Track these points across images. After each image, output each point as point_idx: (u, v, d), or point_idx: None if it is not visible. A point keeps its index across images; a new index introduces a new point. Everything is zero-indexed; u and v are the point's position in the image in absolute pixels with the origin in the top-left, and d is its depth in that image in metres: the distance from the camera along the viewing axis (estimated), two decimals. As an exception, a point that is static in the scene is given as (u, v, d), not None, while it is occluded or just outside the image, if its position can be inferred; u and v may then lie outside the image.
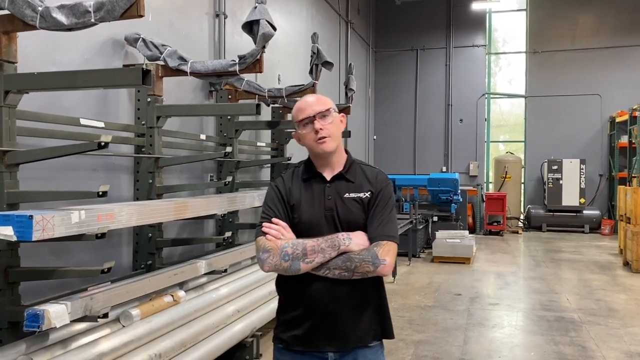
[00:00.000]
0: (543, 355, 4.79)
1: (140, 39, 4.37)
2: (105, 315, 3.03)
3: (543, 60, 15.01)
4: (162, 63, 4.34)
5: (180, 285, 4.00)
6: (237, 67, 4.19)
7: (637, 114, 12.27)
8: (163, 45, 4.36)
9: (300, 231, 2.07)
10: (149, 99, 4.36)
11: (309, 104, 2.10)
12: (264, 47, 4.10)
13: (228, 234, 4.68)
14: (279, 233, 2.05)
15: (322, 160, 2.13)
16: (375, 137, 15.35)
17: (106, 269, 2.97)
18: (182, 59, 4.32)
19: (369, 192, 2.10)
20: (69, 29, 3.00)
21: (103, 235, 2.99)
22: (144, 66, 3.12)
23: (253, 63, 4.19)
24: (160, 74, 4.41)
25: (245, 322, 4.40)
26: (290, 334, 2.11)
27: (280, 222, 2.08)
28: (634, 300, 6.80)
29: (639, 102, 12.28)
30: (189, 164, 5.30)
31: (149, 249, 4.38)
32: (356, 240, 2.02)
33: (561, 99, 14.74)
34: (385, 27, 15.39)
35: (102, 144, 3.04)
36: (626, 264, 9.16)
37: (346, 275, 1.99)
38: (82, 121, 3.74)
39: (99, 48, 4.25)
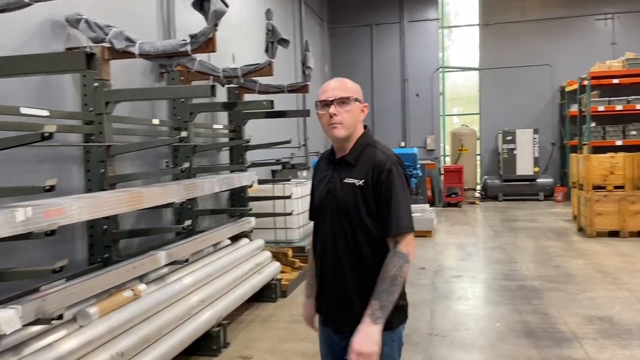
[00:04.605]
0: (508, 325, 4.87)
1: (83, 19, 4.09)
2: (60, 317, 2.87)
3: (495, 32, 15.17)
4: (107, 45, 4.07)
5: (141, 278, 3.83)
6: (188, 47, 3.98)
7: (585, 83, 12.58)
8: (108, 25, 4.10)
9: (315, 211, 2.29)
10: (95, 84, 4.09)
11: (331, 87, 2.15)
12: (216, 25, 3.91)
13: (188, 222, 4.51)
14: None
15: (336, 144, 2.20)
16: (333, 115, 15.23)
17: (58, 268, 2.78)
18: (129, 40, 4.07)
19: (362, 180, 2.10)
20: (1, 10, 2.75)
21: (53, 232, 2.79)
22: (88, 49, 2.90)
23: (205, 42, 3.99)
24: (106, 57, 4.14)
25: (211, 312, 4.29)
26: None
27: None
28: (590, 265, 7.02)
29: (588, 71, 12.57)
30: (143, 151, 5.06)
31: (104, 242, 4.16)
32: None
33: (513, 70, 14.96)
34: (339, 3, 15.18)
35: (47, 134, 2.82)
36: (580, 229, 9.47)
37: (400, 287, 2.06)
38: (23, 110, 3.47)
39: (37, 30, 3.95)
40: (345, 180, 2.12)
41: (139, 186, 4.46)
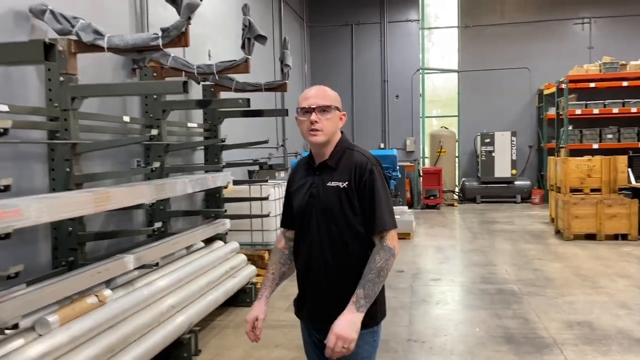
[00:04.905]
0: (488, 331, 4.78)
1: (48, 10, 3.88)
2: (15, 326, 2.67)
3: (474, 35, 15.20)
4: (74, 38, 3.87)
5: (108, 283, 3.64)
6: (160, 41, 3.80)
7: (563, 87, 12.66)
8: (75, 17, 3.89)
9: (295, 217, 2.29)
10: (61, 78, 3.87)
11: (312, 95, 2.21)
12: (189, 18, 3.74)
13: (158, 224, 4.32)
14: None
15: (315, 150, 2.25)
16: (312, 115, 15.10)
17: (13, 274, 2.59)
18: (97, 32, 3.87)
19: (346, 182, 2.15)
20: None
21: (8, 235, 2.60)
22: (47, 39, 2.71)
23: (178, 36, 3.81)
24: (73, 50, 3.93)
25: (182, 318, 4.11)
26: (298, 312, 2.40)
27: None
28: (568, 268, 7.00)
29: (565, 75, 12.66)
30: (113, 150, 4.85)
31: (69, 245, 3.94)
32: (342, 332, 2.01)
33: (492, 73, 15.01)
34: (319, 1, 15.06)
35: (1, 130, 2.63)
36: (558, 232, 9.48)
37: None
38: (-20, 104, 3.26)
39: (-2, 21, 3.74)
40: (328, 184, 2.18)
41: (107, 186, 4.26)
